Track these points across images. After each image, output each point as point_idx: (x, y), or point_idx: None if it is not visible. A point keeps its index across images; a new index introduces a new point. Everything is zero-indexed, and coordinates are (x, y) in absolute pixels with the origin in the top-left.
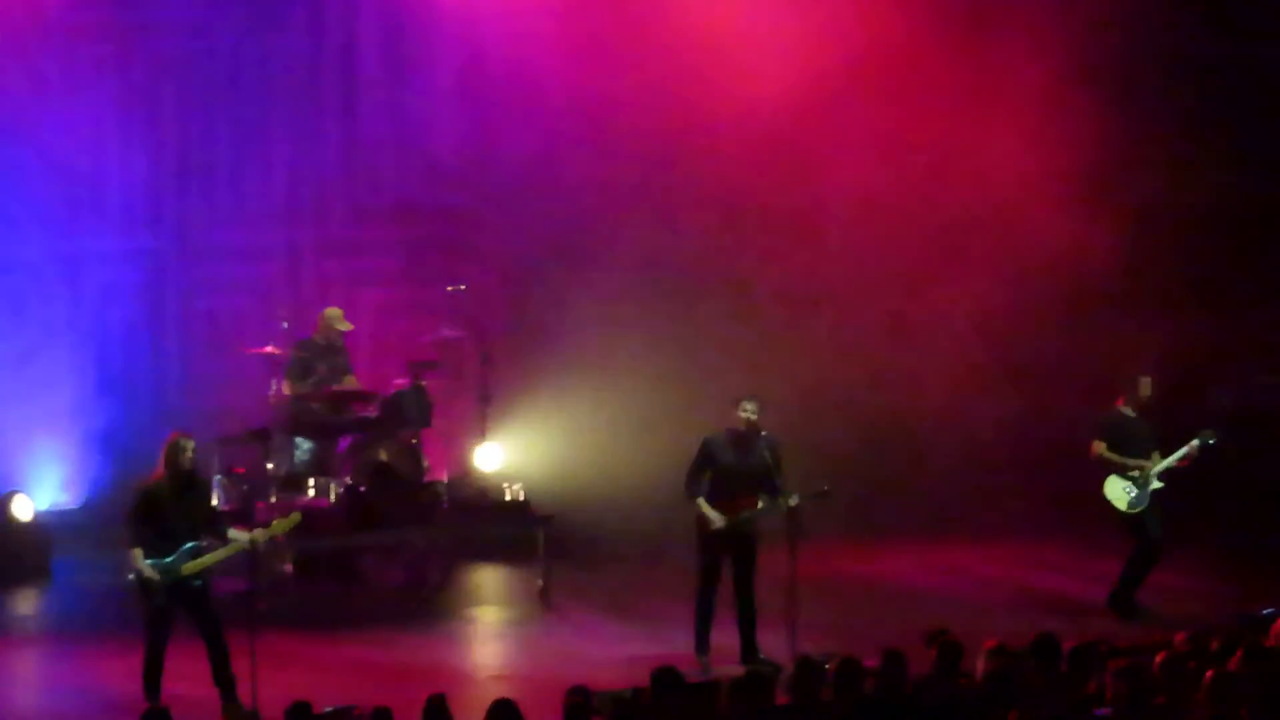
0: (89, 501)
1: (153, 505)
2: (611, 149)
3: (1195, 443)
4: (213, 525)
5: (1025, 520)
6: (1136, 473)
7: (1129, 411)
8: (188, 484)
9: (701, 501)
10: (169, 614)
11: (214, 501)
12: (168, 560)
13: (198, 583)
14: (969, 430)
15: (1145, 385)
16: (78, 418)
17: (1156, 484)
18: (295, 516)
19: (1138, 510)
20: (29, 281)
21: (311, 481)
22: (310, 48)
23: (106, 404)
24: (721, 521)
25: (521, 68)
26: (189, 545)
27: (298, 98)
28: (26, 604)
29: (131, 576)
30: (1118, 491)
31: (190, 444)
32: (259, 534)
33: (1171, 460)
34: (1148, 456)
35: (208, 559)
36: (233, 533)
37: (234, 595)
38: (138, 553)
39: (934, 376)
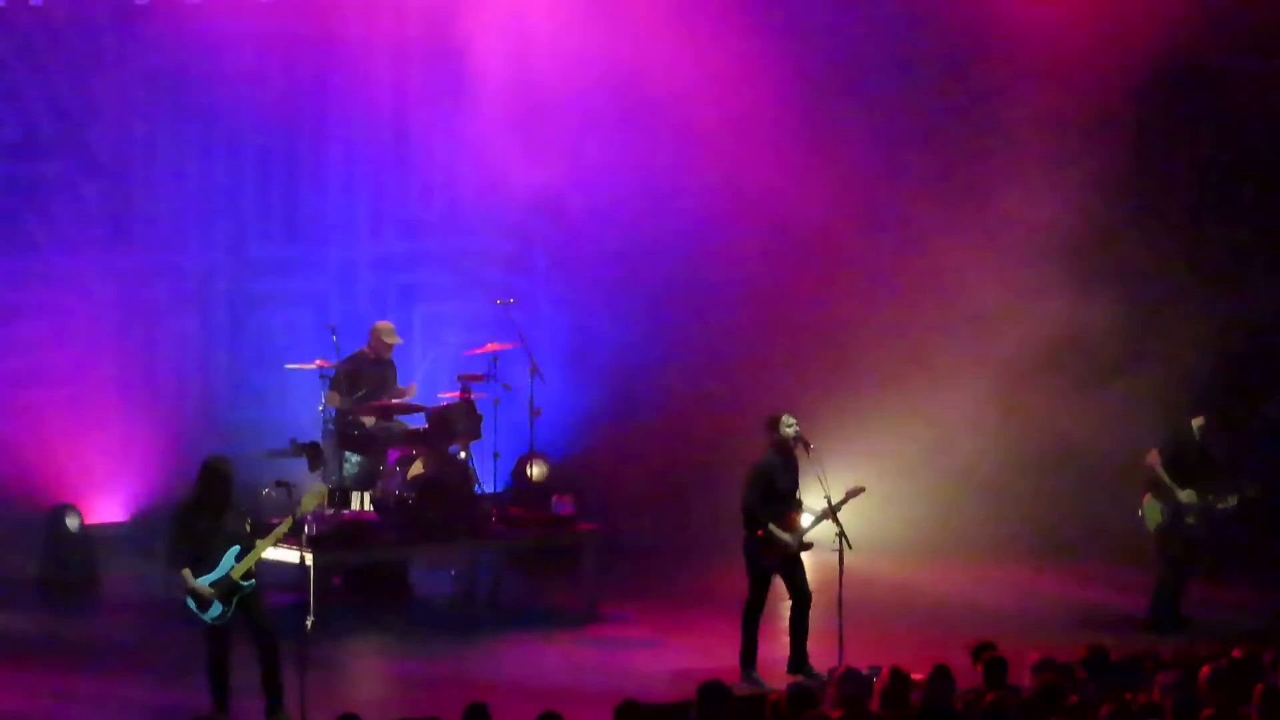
0: (138, 515)
1: (189, 525)
2: (661, 159)
3: (1235, 497)
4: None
5: (1075, 535)
6: (1174, 501)
7: (1197, 431)
8: (224, 503)
9: (774, 527)
10: (225, 627)
11: (246, 525)
12: (215, 574)
13: (249, 583)
14: (1021, 447)
15: (1198, 426)
16: (128, 431)
17: (1190, 519)
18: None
19: (1166, 533)
20: (79, 295)
21: (360, 494)
22: (363, 61)
23: (156, 418)
24: (796, 542)
25: (572, 80)
26: (233, 549)
27: (351, 111)
28: (76, 617)
29: (186, 598)
30: (1154, 512)
31: (219, 463)
32: (287, 522)
33: (1210, 504)
34: (1196, 484)
35: (252, 556)
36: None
37: (283, 608)
38: (186, 573)
39: (984, 398)
